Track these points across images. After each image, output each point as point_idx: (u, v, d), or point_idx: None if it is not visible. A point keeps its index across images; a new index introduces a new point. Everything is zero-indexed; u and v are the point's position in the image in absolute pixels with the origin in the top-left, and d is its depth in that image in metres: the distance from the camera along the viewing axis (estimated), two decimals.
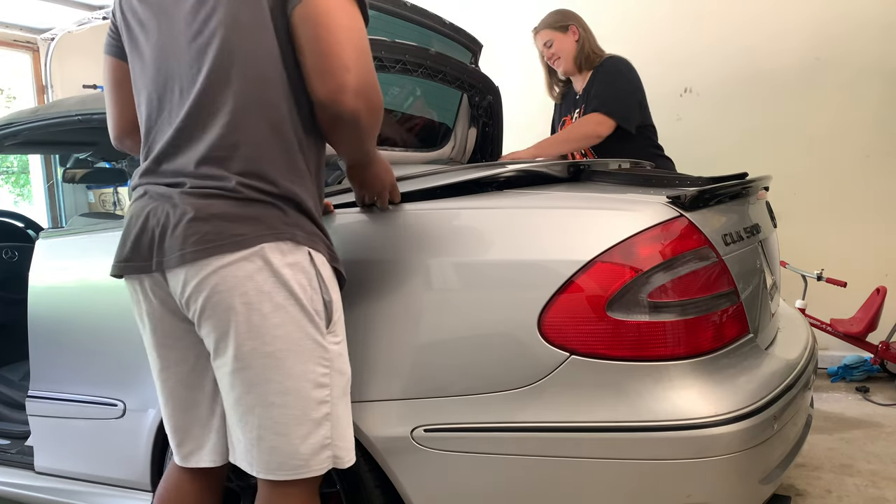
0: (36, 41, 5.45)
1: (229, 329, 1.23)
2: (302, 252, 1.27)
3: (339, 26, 1.23)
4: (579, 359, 1.33)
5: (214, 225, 1.22)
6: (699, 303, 1.36)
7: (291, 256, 1.25)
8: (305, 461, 1.27)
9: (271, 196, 1.25)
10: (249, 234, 1.22)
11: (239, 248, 1.21)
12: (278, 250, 1.24)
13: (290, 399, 1.25)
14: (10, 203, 5.95)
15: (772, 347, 1.64)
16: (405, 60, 2.10)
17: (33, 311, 2.07)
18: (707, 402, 1.31)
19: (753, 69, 3.79)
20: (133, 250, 1.30)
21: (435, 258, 1.44)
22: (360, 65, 1.24)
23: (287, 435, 1.26)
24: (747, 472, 1.34)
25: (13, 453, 2.27)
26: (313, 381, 1.26)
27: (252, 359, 1.24)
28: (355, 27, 1.25)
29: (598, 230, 1.37)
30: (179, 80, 1.30)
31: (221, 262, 1.21)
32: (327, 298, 1.30)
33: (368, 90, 1.25)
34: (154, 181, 1.31)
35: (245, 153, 1.25)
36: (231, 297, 1.22)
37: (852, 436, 2.81)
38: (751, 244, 1.63)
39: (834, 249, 3.65)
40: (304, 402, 1.26)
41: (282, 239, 1.24)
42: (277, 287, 1.23)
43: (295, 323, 1.24)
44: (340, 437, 1.31)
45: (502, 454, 1.38)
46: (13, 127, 2.28)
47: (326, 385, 1.28)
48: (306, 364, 1.26)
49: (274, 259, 1.23)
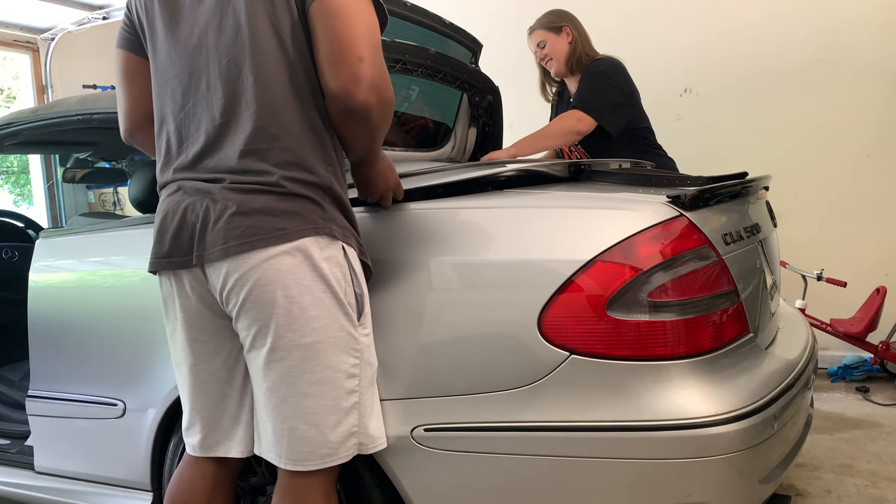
0: (36, 41, 5.45)
1: (270, 321, 1.26)
2: (337, 246, 1.30)
3: (354, 19, 1.25)
4: (579, 358, 1.33)
5: (256, 219, 1.25)
6: (699, 302, 1.36)
7: (328, 250, 1.29)
8: (334, 449, 1.31)
9: (312, 188, 1.29)
10: (291, 229, 1.25)
11: (281, 242, 1.24)
12: (317, 244, 1.27)
13: (324, 389, 1.29)
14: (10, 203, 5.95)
15: (772, 347, 1.64)
16: (405, 60, 2.10)
17: (33, 311, 2.07)
18: (707, 402, 1.31)
19: (754, 69, 3.79)
20: (173, 245, 1.31)
21: (435, 257, 1.44)
22: (374, 58, 1.25)
23: (319, 425, 1.29)
24: (747, 472, 1.34)
25: (13, 453, 2.27)
26: (345, 372, 1.30)
27: (289, 350, 1.27)
28: (370, 23, 1.27)
29: (598, 230, 1.37)
30: (206, 73, 1.32)
31: (264, 256, 1.24)
32: (359, 291, 1.34)
33: (381, 84, 1.26)
34: (190, 177, 1.32)
35: (284, 144, 1.28)
36: (273, 289, 1.24)
37: (852, 436, 2.81)
38: (751, 244, 1.63)
39: (834, 249, 3.65)
40: (337, 392, 1.30)
41: (321, 234, 1.28)
42: (316, 280, 1.27)
43: (331, 315, 1.28)
44: (365, 424, 1.36)
45: (502, 454, 1.38)
46: (13, 127, 2.28)
47: (356, 375, 1.32)
48: (339, 355, 1.29)
49: (314, 253, 1.27)
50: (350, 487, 1.51)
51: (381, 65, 1.27)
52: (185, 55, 1.35)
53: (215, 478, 1.46)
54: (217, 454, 1.44)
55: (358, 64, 1.24)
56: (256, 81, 1.28)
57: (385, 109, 1.29)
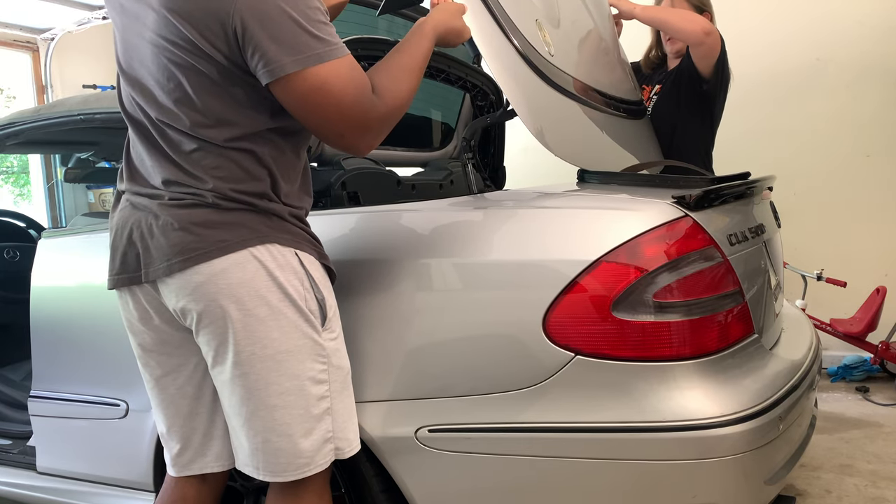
0: (36, 41, 5.44)
1: (227, 336, 1.24)
2: (290, 254, 1.28)
3: (319, 105, 1.21)
4: (584, 359, 1.33)
5: (197, 234, 1.22)
6: (704, 303, 1.36)
7: (281, 258, 1.26)
8: (310, 458, 1.28)
9: (252, 197, 1.26)
10: (232, 240, 1.22)
11: (224, 254, 1.22)
12: (268, 253, 1.24)
13: (292, 399, 1.26)
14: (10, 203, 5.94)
15: (776, 348, 1.64)
16: None
17: (35, 311, 2.07)
18: (712, 403, 1.31)
19: (754, 70, 3.79)
20: (122, 262, 1.30)
21: (440, 259, 1.44)
22: (356, 127, 1.24)
23: (291, 435, 1.27)
24: (753, 473, 1.34)
25: (15, 453, 2.27)
26: (312, 378, 1.28)
27: (251, 363, 1.24)
28: (335, 92, 1.20)
29: (604, 230, 1.37)
30: (144, 84, 1.28)
31: (210, 270, 1.22)
32: (320, 297, 1.31)
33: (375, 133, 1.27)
34: (134, 190, 1.31)
35: (213, 163, 1.24)
36: (226, 304, 1.22)
37: (852, 436, 2.82)
38: (756, 244, 1.64)
39: (834, 249, 3.66)
40: (306, 401, 1.27)
41: (267, 242, 1.25)
42: (272, 290, 1.24)
43: (292, 324, 1.25)
44: (342, 428, 1.33)
45: (507, 455, 1.38)
46: (15, 127, 2.27)
47: (325, 381, 1.30)
48: (305, 363, 1.27)
49: (267, 262, 1.24)
50: (356, 492, 1.51)
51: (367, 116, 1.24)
52: (128, 61, 1.31)
53: (197, 499, 1.44)
54: (194, 472, 1.42)
55: (340, 140, 1.26)
56: (187, 105, 1.24)
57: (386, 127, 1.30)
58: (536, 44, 1.79)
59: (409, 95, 1.31)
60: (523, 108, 1.68)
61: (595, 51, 2.27)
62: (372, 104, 1.24)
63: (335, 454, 1.33)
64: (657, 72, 2.93)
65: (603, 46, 2.35)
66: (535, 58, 1.76)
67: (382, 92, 1.26)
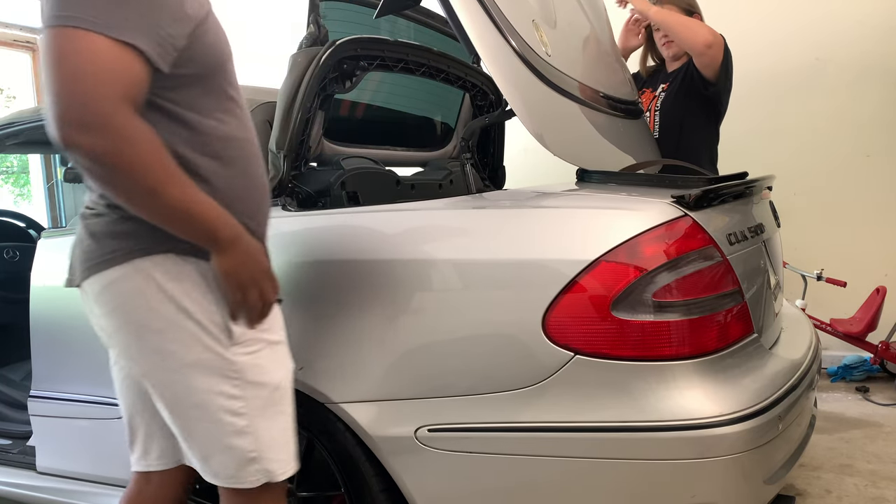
0: (36, 41, 5.44)
1: (128, 347, 1.23)
2: (188, 263, 1.20)
3: (46, 64, 1.05)
4: (584, 359, 1.33)
5: (94, 243, 1.21)
6: (704, 302, 1.36)
7: (175, 269, 1.19)
8: (234, 473, 1.24)
9: None
10: (120, 251, 1.19)
11: (112, 265, 1.19)
12: (161, 264, 1.19)
13: (203, 413, 1.22)
14: (10, 203, 5.94)
15: (776, 347, 1.65)
16: (407, 60, 2.10)
17: (35, 311, 2.07)
18: (712, 402, 1.31)
19: (753, 69, 3.79)
20: (69, 267, 1.32)
21: (439, 258, 1.44)
22: (66, 93, 1.03)
23: (209, 447, 1.24)
24: (752, 473, 1.35)
25: (15, 453, 2.27)
26: (223, 394, 1.21)
27: (156, 375, 1.22)
28: (60, 54, 1.04)
29: (603, 230, 1.37)
30: None
31: (104, 282, 1.20)
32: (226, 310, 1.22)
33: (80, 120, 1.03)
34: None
35: None
36: (121, 314, 1.20)
37: (852, 436, 2.81)
38: (755, 244, 1.64)
39: (834, 249, 3.66)
40: (216, 415, 1.21)
41: (158, 252, 1.19)
42: (164, 302, 1.18)
43: (192, 337, 1.19)
44: (268, 448, 1.24)
45: (507, 454, 1.38)
46: (14, 127, 2.27)
47: (238, 397, 1.22)
48: (211, 378, 1.20)
49: (156, 274, 1.18)
50: (355, 492, 1.51)
51: (77, 97, 1.03)
52: None
53: (156, 496, 1.41)
54: (142, 469, 1.41)
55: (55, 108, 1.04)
56: None
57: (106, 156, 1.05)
58: (534, 44, 1.79)
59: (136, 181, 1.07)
60: (522, 109, 1.68)
61: (592, 51, 2.27)
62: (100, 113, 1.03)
63: (266, 477, 1.24)
64: (658, 75, 2.98)
65: (599, 47, 2.35)
66: (532, 58, 1.76)
67: (124, 135, 1.05)
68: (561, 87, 1.86)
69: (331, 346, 1.50)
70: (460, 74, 2.33)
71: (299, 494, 1.62)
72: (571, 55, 2.09)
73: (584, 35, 2.24)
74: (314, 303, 1.54)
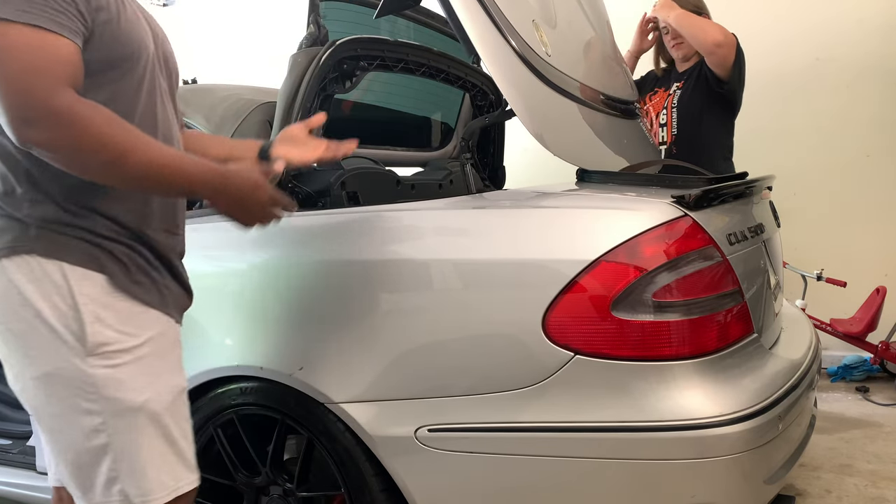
0: None
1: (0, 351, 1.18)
2: (52, 265, 1.13)
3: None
4: (584, 359, 1.33)
5: None
6: (704, 302, 1.36)
7: (38, 271, 1.13)
8: (101, 492, 1.15)
9: (13, 206, 1.15)
10: None
11: None
12: (22, 265, 1.13)
13: (64, 425, 1.15)
14: None
15: (776, 347, 1.65)
16: (407, 60, 2.10)
17: None
18: (712, 402, 1.31)
19: (753, 70, 3.77)
20: None
21: (439, 258, 1.44)
22: (12, 92, 1.01)
23: (73, 462, 1.16)
24: (752, 473, 1.35)
25: (15, 453, 2.26)
26: (80, 409, 1.13)
27: (22, 380, 1.16)
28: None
29: (603, 230, 1.37)
30: None
31: None
32: (91, 319, 1.14)
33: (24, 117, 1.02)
34: None
35: None
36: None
37: (852, 436, 2.81)
38: (755, 244, 1.64)
39: (834, 249, 3.66)
40: (74, 430, 1.14)
41: (20, 253, 1.13)
42: (24, 305, 1.13)
43: (49, 344, 1.13)
44: (129, 471, 1.15)
45: (506, 454, 1.38)
46: None
47: (96, 412, 1.13)
48: (68, 389, 1.13)
49: (15, 276, 1.13)
50: (355, 492, 1.51)
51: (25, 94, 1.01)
52: None
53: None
54: (52, 483, 1.36)
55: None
56: None
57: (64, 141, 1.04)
58: (534, 44, 1.79)
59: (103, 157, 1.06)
60: (521, 109, 1.68)
61: (592, 51, 2.27)
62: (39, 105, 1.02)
63: (124, 499, 1.15)
64: (670, 74, 3.04)
65: (600, 47, 2.35)
66: (532, 58, 1.76)
67: (67, 119, 1.03)
68: (561, 87, 1.86)
69: (331, 346, 1.50)
70: (460, 74, 2.33)
71: (299, 494, 1.62)
72: (571, 55, 2.09)
73: (584, 35, 2.24)
74: (314, 303, 1.54)
